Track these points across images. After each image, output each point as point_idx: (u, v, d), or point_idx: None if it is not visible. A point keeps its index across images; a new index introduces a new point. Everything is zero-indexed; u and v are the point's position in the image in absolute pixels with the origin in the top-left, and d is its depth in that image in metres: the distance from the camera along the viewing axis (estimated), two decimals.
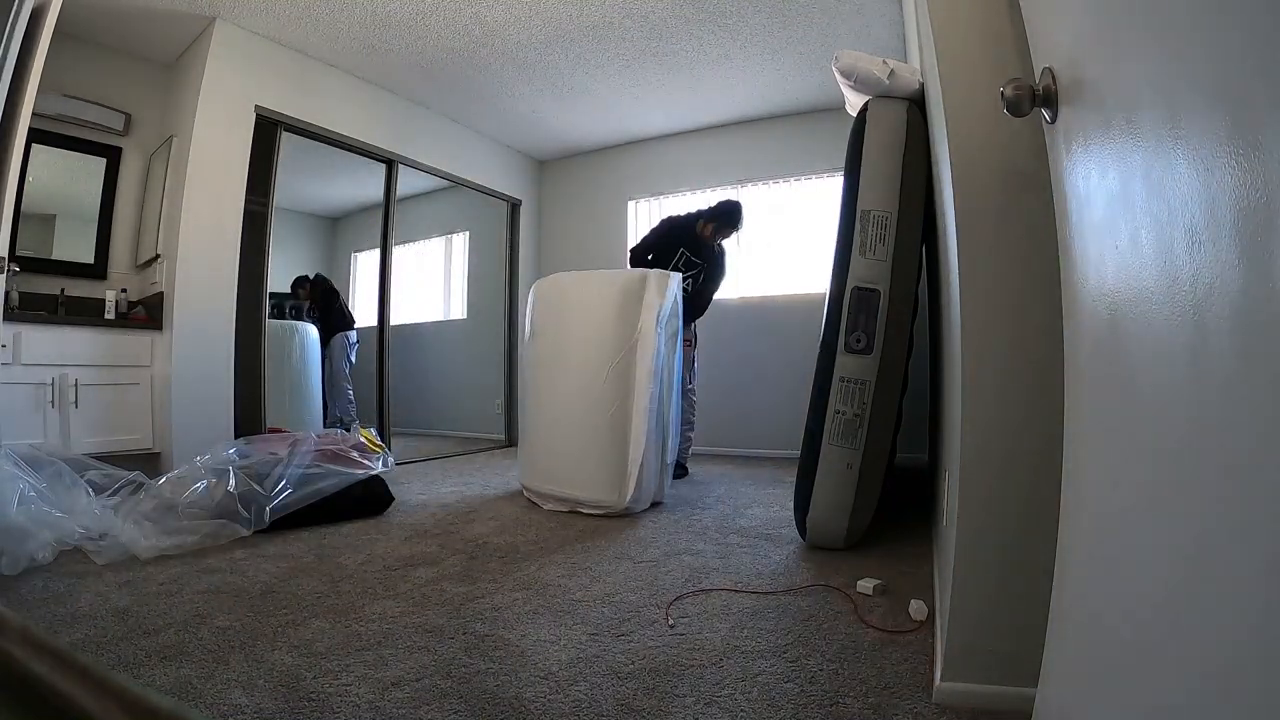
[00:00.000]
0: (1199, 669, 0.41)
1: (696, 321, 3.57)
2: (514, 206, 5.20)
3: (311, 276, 4.72)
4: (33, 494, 1.90)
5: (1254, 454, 0.35)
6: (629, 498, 2.51)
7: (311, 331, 4.50)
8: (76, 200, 3.22)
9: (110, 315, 3.07)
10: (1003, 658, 1.08)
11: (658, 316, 2.57)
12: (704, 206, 3.52)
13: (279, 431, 3.08)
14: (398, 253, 4.27)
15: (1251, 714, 0.34)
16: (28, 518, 1.81)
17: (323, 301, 4.59)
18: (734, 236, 3.51)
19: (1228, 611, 0.38)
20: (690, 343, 3.51)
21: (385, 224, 4.09)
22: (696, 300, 3.43)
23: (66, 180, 3.17)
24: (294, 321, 4.49)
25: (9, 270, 2.01)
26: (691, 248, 3.44)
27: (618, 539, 2.22)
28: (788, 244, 4.45)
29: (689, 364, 3.50)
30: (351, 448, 2.69)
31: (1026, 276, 1.10)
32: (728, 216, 3.41)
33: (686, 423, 3.46)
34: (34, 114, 2.01)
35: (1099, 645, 0.63)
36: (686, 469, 3.56)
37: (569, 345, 2.72)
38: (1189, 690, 0.42)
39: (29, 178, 2.83)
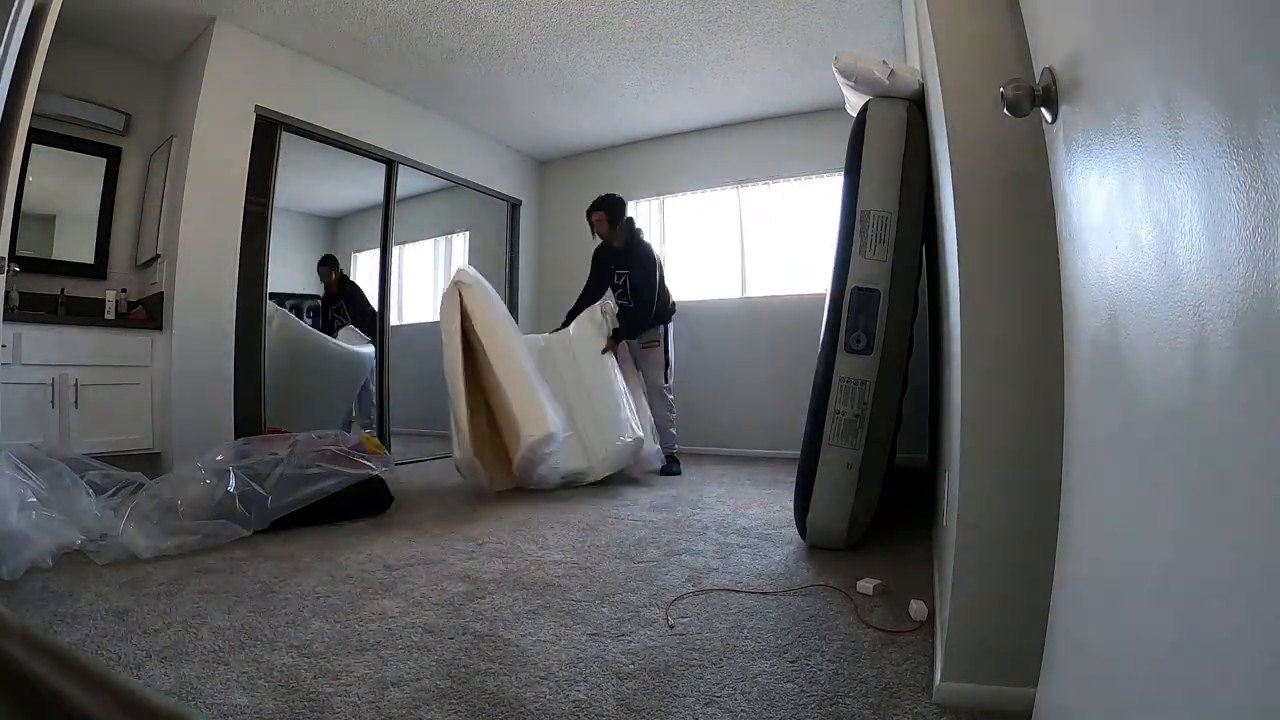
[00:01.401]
0: (1199, 669, 0.41)
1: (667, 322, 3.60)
2: (514, 206, 5.20)
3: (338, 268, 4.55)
4: (33, 499, 1.89)
5: (1254, 455, 0.35)
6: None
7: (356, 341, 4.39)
8: (76, 200, 3.22)
9: (110, 315, 3.07)
10: (1003, 658, 1.08)
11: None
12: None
13: (279, 432, 3.07)
14: (397, 252, 4.27)
15: (1250, 713, 0.34)
16: (29, 524, 1.79)
17: (356, 304, 4.43)
18: (621, 222, 3.52)
19: (1227, 611, 0.38)
20: (657, 343, 3.56)
21: (385, 224, 4.10)
22: (638, 311, 3.42)
23: (66, 180, 3.17)
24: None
25: (9, 270, 2.01)
26: (613, 259, 3.54)
27: (618, 539, 2.22)
28: (788, 244, 4.45)
29: (661, 365, 3.55)
30: (351, 448, 2.69)
31: (1026, 276, 1.10)
32: (601, 202, 3.52)
33: (667, 419, 3.54)
34: (34, 114, 2.00)
35: (1099, 645, 0.63)
36: (679, 464, 3.57)
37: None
38: (1188, 690, 0.42)
39: (29, 178, 2.83)
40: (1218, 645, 0.38)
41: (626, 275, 3.47)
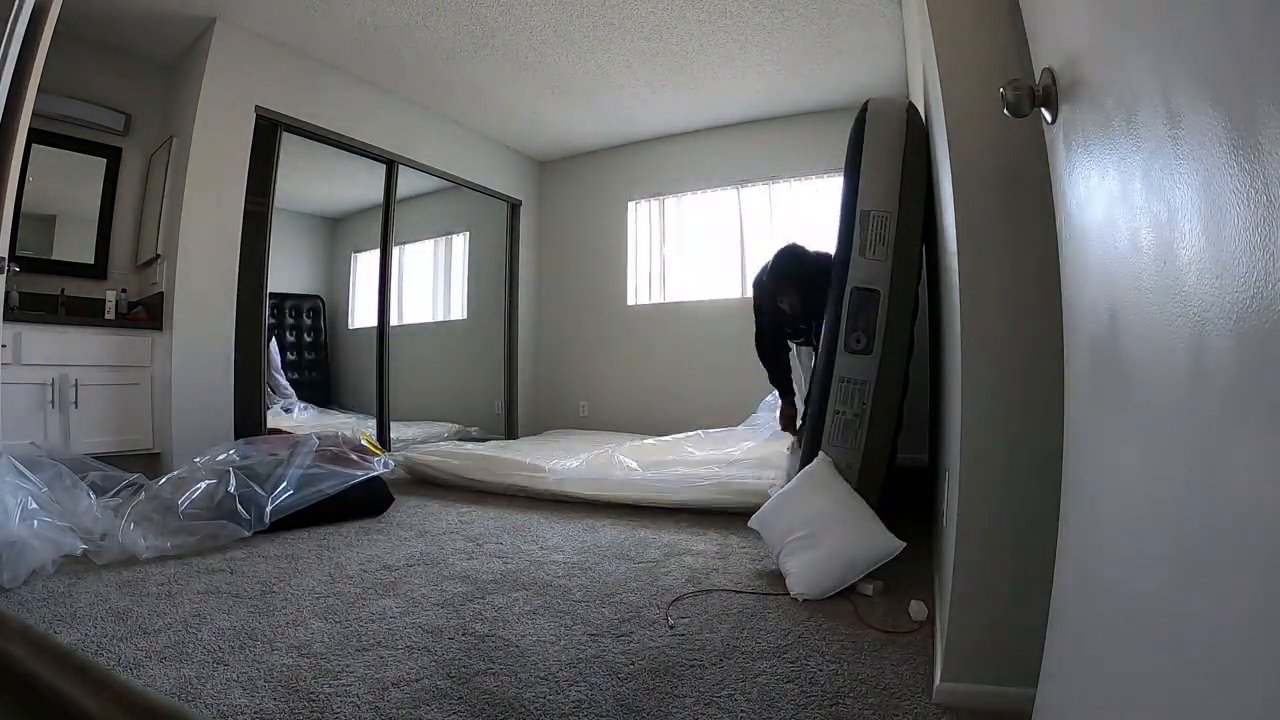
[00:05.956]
0: (1199, 669, 0.41)
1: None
2: (514, 206, 5.20)
3: None
4: (34, 506, 1.87)
5: (1254, 455, 0.35)
6: None
7: None
8: (76, 200, 3.22)
9: (110, 315, 3.06)
10: (1003, 658, 1.08)
11: None
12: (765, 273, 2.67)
13: (280, 433, 3.08)
14: (397, 253, 4.27)
15: (1250, 714, 0.34)
16: (30, 532, 1.77)
17: None
18: (793, 291, 2.55)
19: (1227, 611, 0.38)
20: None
21: (385, 224, 4.09)
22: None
23: (66, 180, 3.17)
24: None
25: (9, 270, 2.01)
26: (789, 325, 2.73)
27: (618, 538, 2.22)
28: None
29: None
30: (351, 449, 2.69)
31: (1026, 276, 1.10)
32: (776, 276, 2.59)
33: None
34: (34, 114, 2.01)
35: (1099, 645, 0.63)
36: None
37: None
38: (1188, 690, 0.42)
39: (29, 178, 2.82)
40: (1217, 646, 0.38)
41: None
